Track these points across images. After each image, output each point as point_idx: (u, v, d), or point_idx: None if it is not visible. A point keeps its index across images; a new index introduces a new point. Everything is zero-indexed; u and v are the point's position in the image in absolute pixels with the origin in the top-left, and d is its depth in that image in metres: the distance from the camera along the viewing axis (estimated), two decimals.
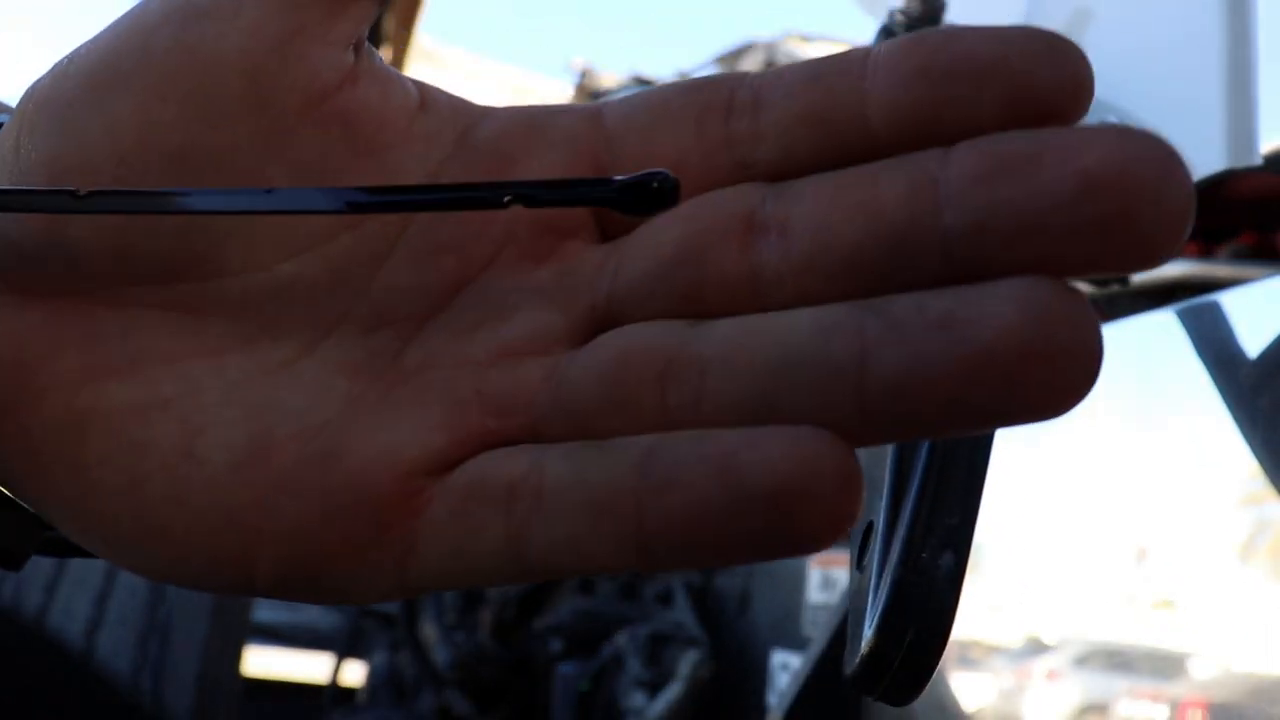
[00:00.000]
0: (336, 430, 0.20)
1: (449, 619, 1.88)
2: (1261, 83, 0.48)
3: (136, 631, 0.93)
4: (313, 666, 2.17)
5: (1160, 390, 0.67)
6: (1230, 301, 0.58)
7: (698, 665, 1.42)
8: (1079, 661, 0.79)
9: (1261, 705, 0.58)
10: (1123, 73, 0.55)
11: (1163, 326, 0.64)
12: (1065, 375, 0.16)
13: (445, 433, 0.20)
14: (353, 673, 2.11)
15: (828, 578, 1.28)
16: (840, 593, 1.14)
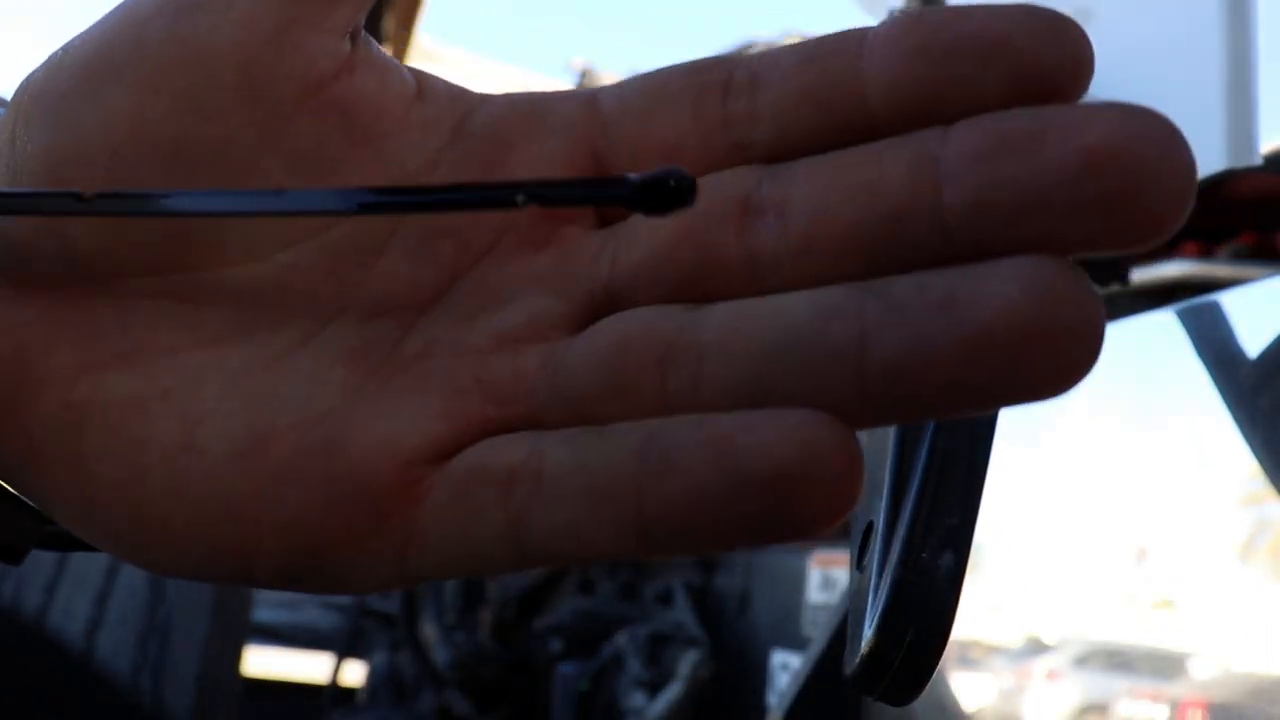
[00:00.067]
0: (337, 419, 0.20)
1: (449, 619, 1.87)
2: (1261, 83, 0.48)
3: (136, 631, 0.93)
4: (313, 666, 2.17)
5: (1160, 390, 0.67)
6: (1230, 301, 0.58)
7: (698, 665, 1.42)
8: (1079, 661, 0.79)
9: (1261, 705, 0.58)
10: (1123, 73, 0.55)
11: (1163, 326, 0.64)
12: (1068, 354, 0.16)
13: (445, 421, 0.19)
14: (353, 673, 2.11)
15: (828, 578, 1.28)
16: (840, 593, 1.14)
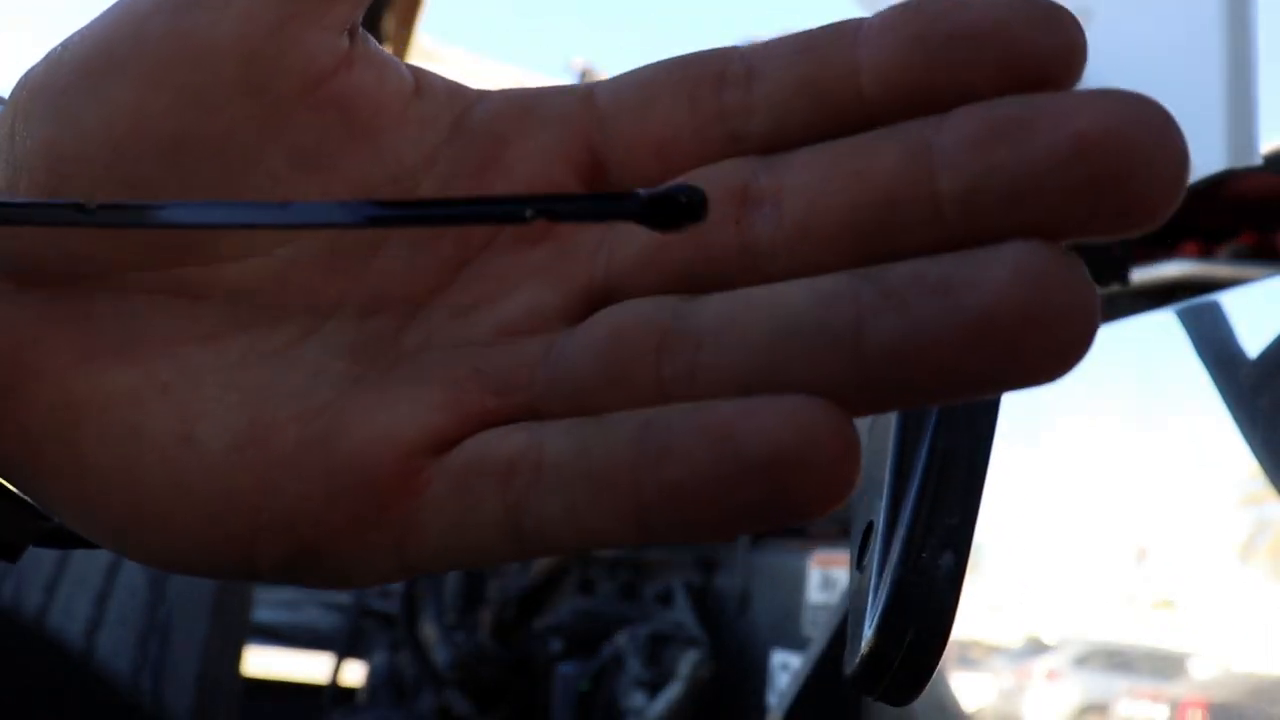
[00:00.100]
0: (336, 412, 0.20)
1: (449, 619, 1.87)
2: (1261, 83, 0.48)
3: (136, 631, 0.93)
4: (313, 666, 2.17)
5: (1160, 390, 0.67)
6: (1230, 301, 0.58)
7: (698, 665, 1.42)
8: (1079, 661, 0.79)
9: (1261, 705, 0.58)
10: (1123, 73, 0.55)
11: (1163, 326, 0.64)
12: (1062, 338, 0.16)
13: (444, 412, 0.20)
14: (353, 673, 2.11)
15: (828, 578, 1.28)
16: (840, 593, 1.14)
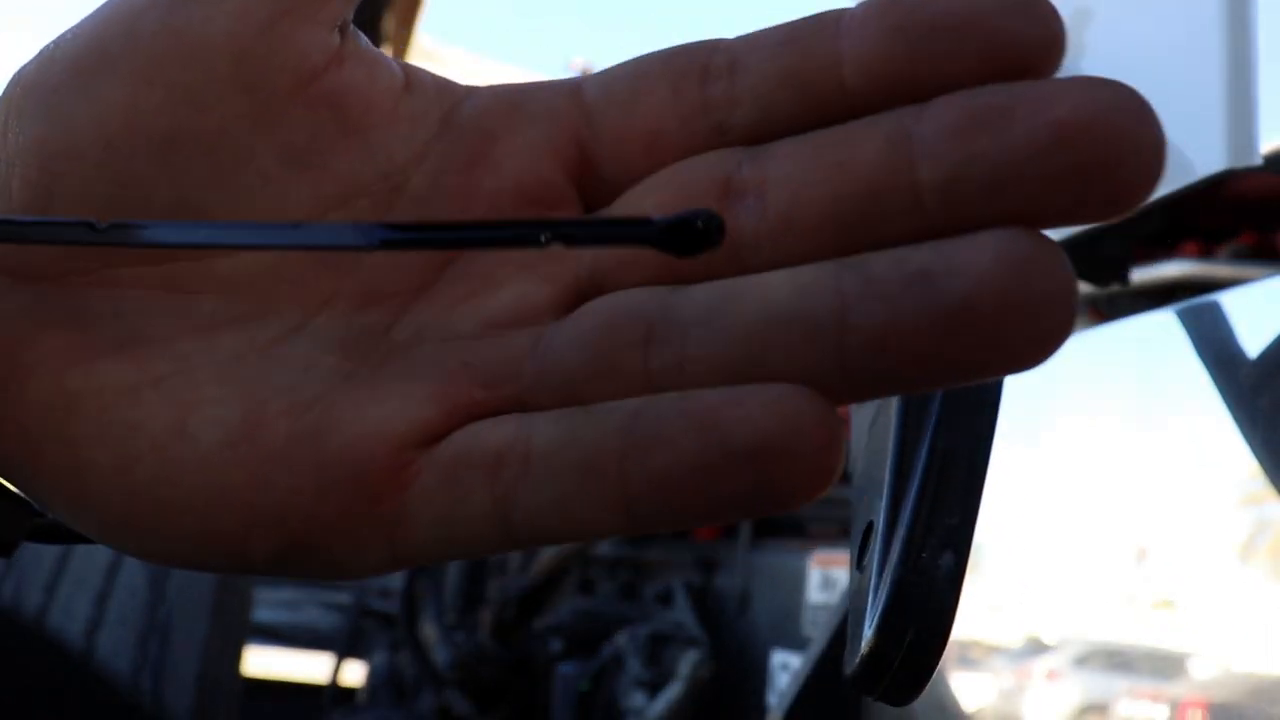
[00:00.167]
0: (327, 406, 0.20)
1: (449, 619, 1.88)
2: (1261, 83, 0.48)
3: (136, 631, 0.93)
4: (313, 666, 2.17)
5: (1160, 390, 0.67)
6: (1230, 301, 0.58)
7: (698, 665, 1.42)
8: (1079, 661, 0.79)
9: (1261, 705, 0.58)
10: (1123, 73, 0.55)
11: (1163, 326, 0.64)
12: (1042, 324, 0.16)
13: (434, 405, 0.20)
14: (353, 673, 2.11)
15: (828, 578, 1.28)
16: (840, 593, 1.14)
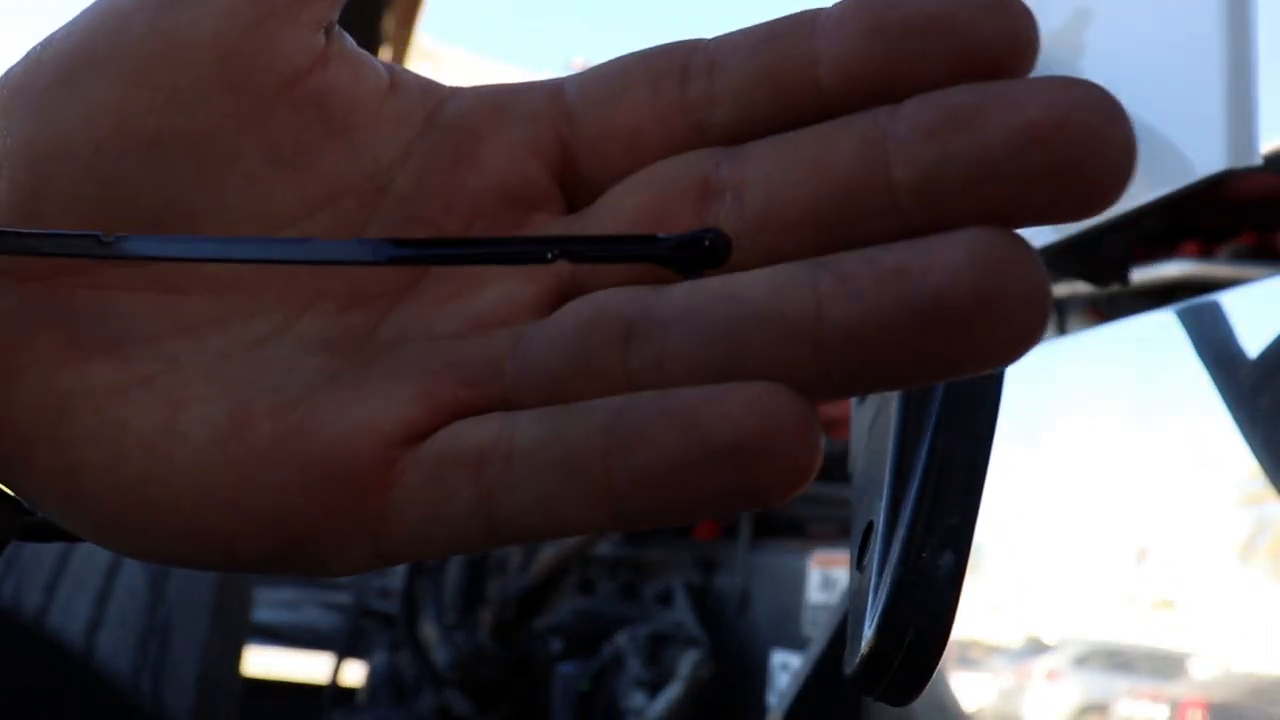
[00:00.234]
0: (312, 406, 0.20)
1: (449, 619, 1.87)
2: (1261, 83, 0.48)
3: (136, 632, 0.93)
4: (313, 666, 2.17)
5: (1160, 390, 0.67)
6: (1230, 301, 0.58)
7: (698, 665, 1.42)
8: (1079, 661, 0.78)
9: (1261, 705, 0.58)
10: (1123, 73, 0.55)
11: (1163, 326, 0.64)
12: (1015, 321, 0.16)
13: (418, 404, 0.20)
14: (353, 673, 2.11)
15: (828, 578, 1.28)
16: (840, 593, 1.14)
